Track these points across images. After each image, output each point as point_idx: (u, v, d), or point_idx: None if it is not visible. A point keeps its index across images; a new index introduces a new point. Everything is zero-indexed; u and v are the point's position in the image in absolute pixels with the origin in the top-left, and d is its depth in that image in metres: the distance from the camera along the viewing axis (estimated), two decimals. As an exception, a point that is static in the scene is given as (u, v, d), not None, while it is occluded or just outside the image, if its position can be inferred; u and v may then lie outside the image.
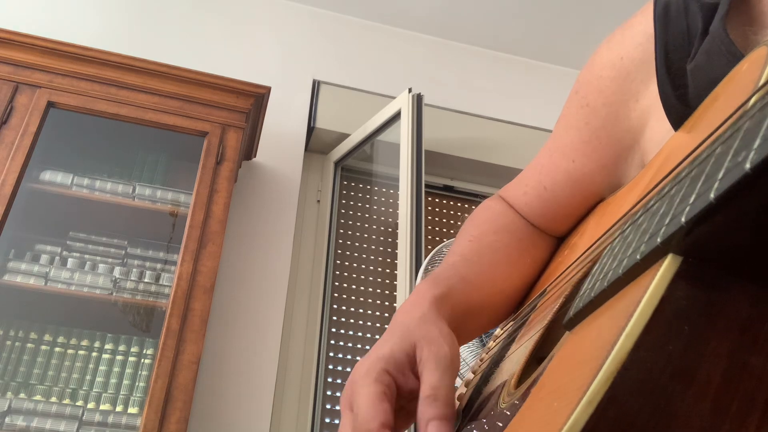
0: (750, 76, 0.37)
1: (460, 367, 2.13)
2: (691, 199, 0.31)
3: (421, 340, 0.61)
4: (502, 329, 0.85)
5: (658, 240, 0.33)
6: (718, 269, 0.32)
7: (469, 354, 2.18)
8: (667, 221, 0.33)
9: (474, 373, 0.81)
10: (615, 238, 0.48)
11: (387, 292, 2.89)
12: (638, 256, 0.35)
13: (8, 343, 2.18)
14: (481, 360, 0.83)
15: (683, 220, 0.31)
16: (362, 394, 0.58)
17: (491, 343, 0.85)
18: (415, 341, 0.61)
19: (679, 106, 0.62)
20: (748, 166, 0.26)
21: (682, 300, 0.31)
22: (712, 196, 0.29)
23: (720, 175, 0.29)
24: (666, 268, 0.32)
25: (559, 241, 0.85)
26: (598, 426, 0.30)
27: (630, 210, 0.49)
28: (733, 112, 0.34)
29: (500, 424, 0.50)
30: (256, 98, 2.53)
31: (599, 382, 0.30)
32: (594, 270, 0.46)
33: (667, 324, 0.31)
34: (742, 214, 0.29)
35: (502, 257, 0.81)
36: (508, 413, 0.50)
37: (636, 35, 0.71)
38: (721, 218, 0.30)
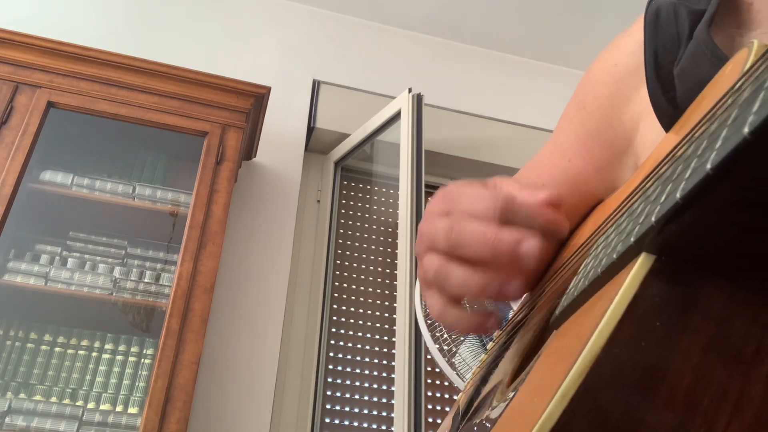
0: (731, 77, 0.38)
1: (461, 368, 2.14)
2: (662, 199, 0.32)
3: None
4: (501, 329, 0.86)
5: (632, 239, 0.34)
6: (691, 267, 0.33)
7: (470, 354, 2.19)
8: (641, 220, 0.34)
9: (474, 373, 0.82)
10: (600, 238, 0.49)
11: (387, 292, 2.89)
12: (615, 255, 0.36)
13: (8, 343, 2.19)
14: (481, 361, 0.84)
15: (653, 219, 0.31)
16: (473, 190, 0.58)
17: (491, 344, 0.86)
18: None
19: (670, 109, 0.63)
20: (709, 166, 0.27)
21: (654, 297, 0.32)
22: (678, 195, 0.29)
23: (687, 175, 0.30)
24: (639, 266, 0.33)
25: (561, 241, 0.86)
26: (572, 420, 0.31)
27: (616, 210, 0.49)
28: (707, 112, 0.35)
29: (491, 424, 0.51)
30: (256, 98, 2.54)
31: (573, 377, 0.31)
32: (580, 269, 0.47)
33: (639, 321, 0.32)
34: (710, 213, 0.30)
35: None
36: (499, 412, 0.51)
37: (630, 42, 0.72)
38: (690, 217, 0.30)
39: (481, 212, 0.56)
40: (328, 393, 2.64)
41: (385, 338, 2.79)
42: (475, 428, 0.56)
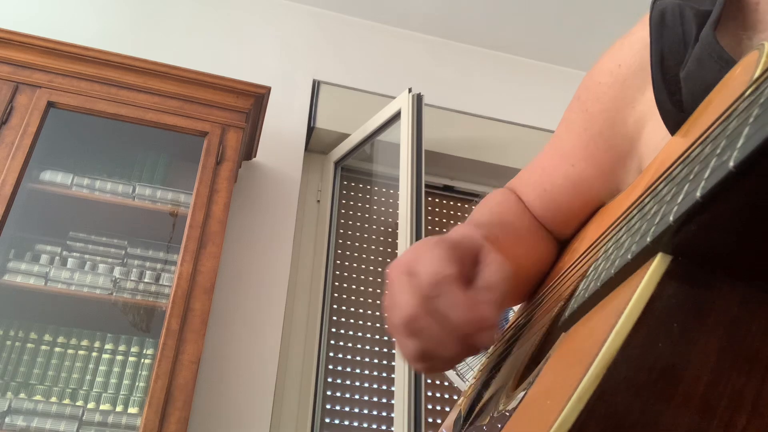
0: (742, 79, 0.38)
1: (461, 368, 2.13)
2: (680, 199, 0.31)
3: (486, 246, 0.61)
4: (503, 333, 0.86)
5: (648, 239, 0.33)
6: (708, 268, 0.32)
7: (471, 358, 2.18)
8: (657, 221, 0.34)
9: (476, 377, 0.82)
10: (610, 240, 0.48)
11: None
12: (629, 256, 0.36)
13: (8, 343, 2.19)
14: (482, 364, 0.83)
15: (671, 219, 0.31)
16: (432, 253, 0.57)
17: (492, 348, 0.85)
18: (482, 245, 0.61)
19: (675, 112, 0.62)
20: (731, 164, 0.27)
21: (671, 298, 0.32)
22: (698, 194, 0.29)
23: (706, 174, 0.29)
24: (655, 267, 0.32)
25: (562, 245, 0.85)
26: (588, 423, 0.30)
27: (625, 212, 0.49)
28: (722, 113, 0.34)
29: (498, 426, 0.50)
30: (256, 98, 2.53)
31: (589, 379, 0.30)
32: (589, 271, 0.47)
33: (656, 322, 0.31)
34: (729, 212, 0.29)
35: (520, 237, 0.81)
36: (506, 415, 0.51)
37: (634, 43, 0.71)
38: (709, 216, 0.30)
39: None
40: (328, 393, 2.64)
41: (385, 338, 2.79)
42: (485, 429, 0.56)
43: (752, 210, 0.29)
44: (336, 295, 2.85)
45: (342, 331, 2.78)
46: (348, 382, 2.68)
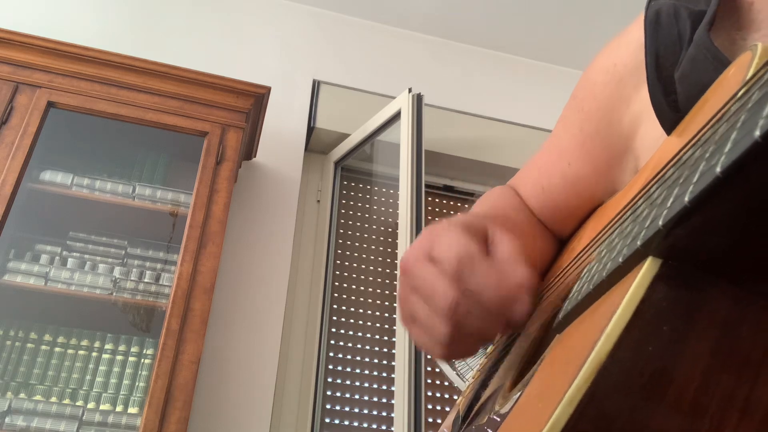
0: (736, 79, 0.38)
1: (461, 368, 2.13)
2: (669, 203, 0.32)
3: (491, 226, 0.62)
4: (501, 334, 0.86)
5: (638, 243, 0.33)
6: (698, 271, 0.32)
7: (471, 358, 2.18)
8: (647, 224, 0.34)
9: (474, 377, 0.82)
10: (604, 242, 0.48)
11: (387, 292, 2.89)
12: (620, 259, 0.36)
13: (8, 343, 2.19)
14: (481, 365, 0.84)
15: (660, 223, 0.31)
16: (449, 236, 0.58)
17: (491, 348, 0.86)
18: (488, 225, 0.63)
19: (671, 112, 0.62)
20: (718, 169, 0.27)
21: (661, 302, 0.32)
22: (686, 199, 0.29)
23: (695, 179, 0.30)
24: (645, 270, 0.33)
25: (562, 244, 0.85)
26: (579, 424, 0.31)
27: (619, 214, 0.49)
28: (713, 116, 0.34)
29: (494, 428, 0.50)
30: (256, 98, 2.53)
31: (580, 382, 0.31)
32: (583, 273, 0.47)
33: (646, 325, 0.31)
34: (717, 217, 0.30)
35: (521, 231, 0.81)
36: (501, 417, 0.51)
37: (630, 42, 0.71)
38: (697, 221, 0.30)
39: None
40: (328, 393, 2.64)
41: (385, 338, 2.79)
42: (482, 429, 0.56)
43: (741, 214, 0.29)
44: (336, 295, 2.85)
45: (342, 331, 2.78)
46: (348, 382, 2.69)
